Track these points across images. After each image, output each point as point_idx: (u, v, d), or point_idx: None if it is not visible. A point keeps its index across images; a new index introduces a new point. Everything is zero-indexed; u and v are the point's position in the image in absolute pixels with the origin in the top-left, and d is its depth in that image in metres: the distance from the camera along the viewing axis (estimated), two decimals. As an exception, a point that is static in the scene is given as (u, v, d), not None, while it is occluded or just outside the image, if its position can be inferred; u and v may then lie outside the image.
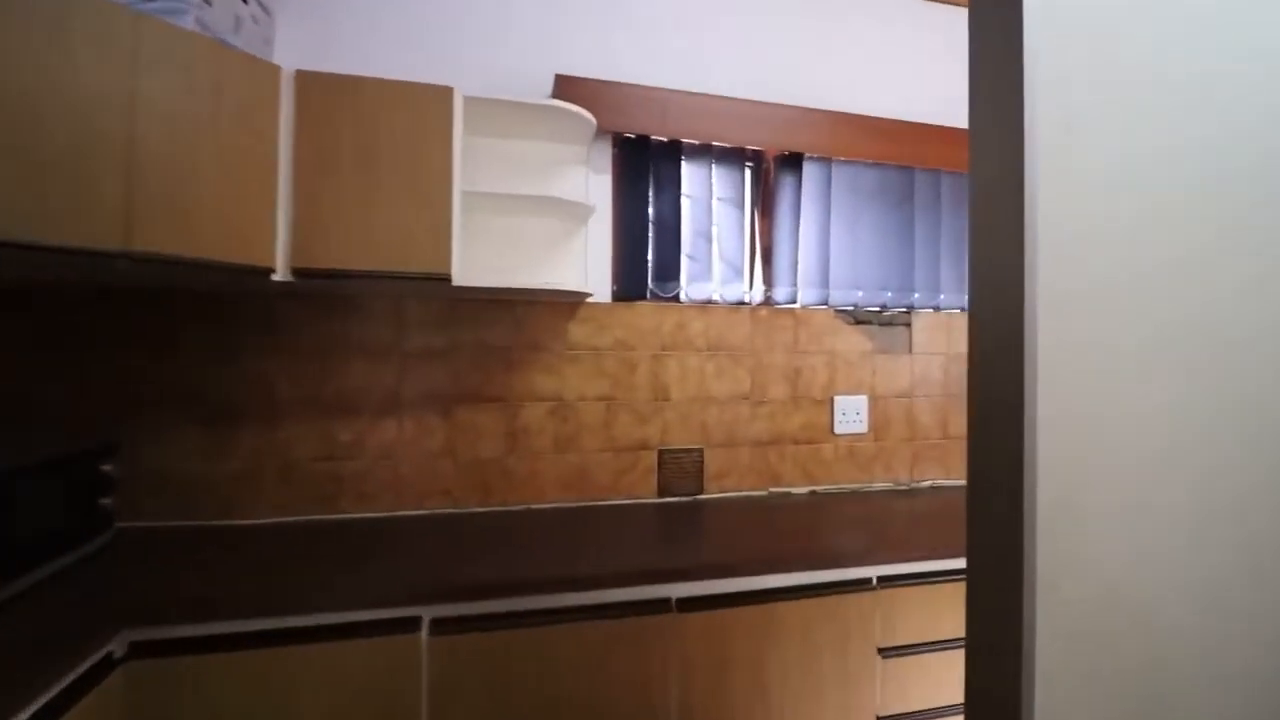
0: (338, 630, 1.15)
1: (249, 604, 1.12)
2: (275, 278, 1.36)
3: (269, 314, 1.61)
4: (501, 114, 1.59)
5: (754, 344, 1.94)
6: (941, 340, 2.12)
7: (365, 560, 1.34)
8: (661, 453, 1.85)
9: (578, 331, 1.80)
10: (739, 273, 1.94)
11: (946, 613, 1.48)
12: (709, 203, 1.92)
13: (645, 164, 1.88)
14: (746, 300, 1.95)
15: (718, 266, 1.95)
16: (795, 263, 1.96)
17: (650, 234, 1.89)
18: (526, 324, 1.77)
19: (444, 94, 1.44)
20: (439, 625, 1.20)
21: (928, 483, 2.10)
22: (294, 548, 1.42)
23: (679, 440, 1.87)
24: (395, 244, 1.40)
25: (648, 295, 1.87)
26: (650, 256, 1.89)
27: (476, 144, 1.67)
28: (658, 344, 1.86)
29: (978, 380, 0.63)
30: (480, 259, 1.66)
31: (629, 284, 1.86)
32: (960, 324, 2.13)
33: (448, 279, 1.43)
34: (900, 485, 2.07)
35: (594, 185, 1.83)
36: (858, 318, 2.04)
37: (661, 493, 1.85)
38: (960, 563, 1.64)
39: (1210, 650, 0.62)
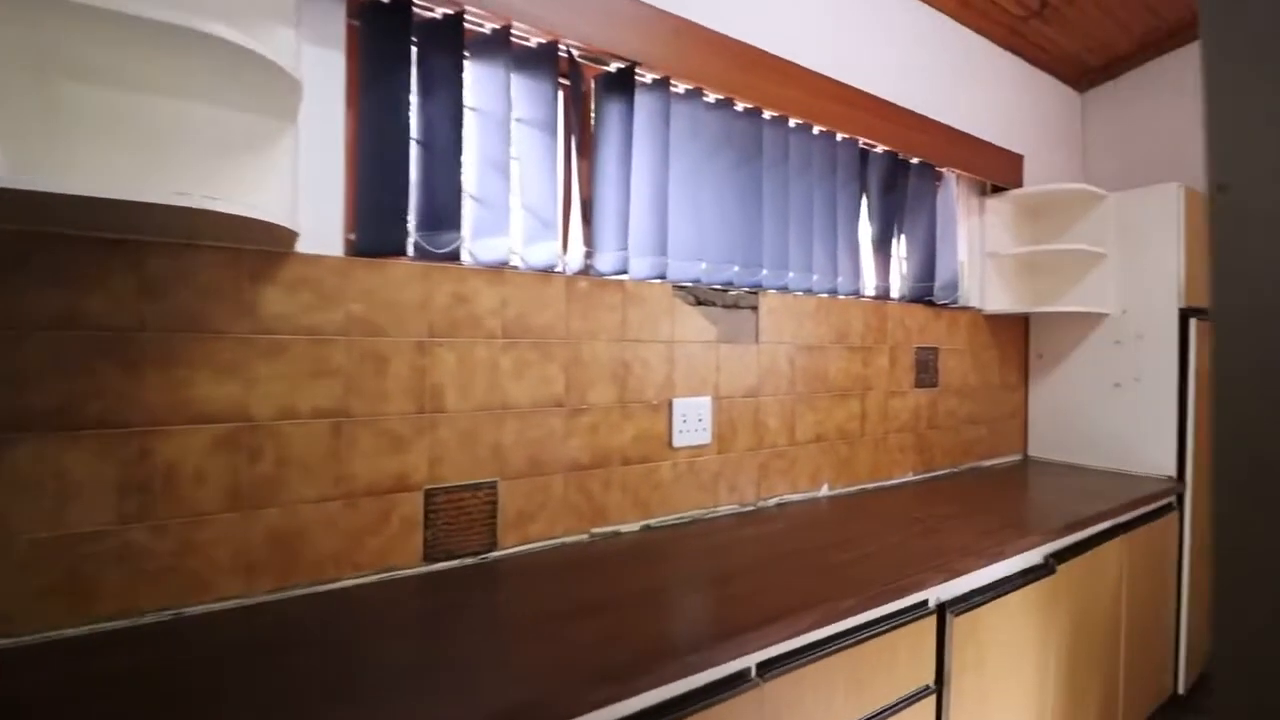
0: None
1: None
2: None
3: None
4: None
5: (570, 328, 1.38)
6: (789, 327, 1.78)
7: None
8: (431, 494, 1.21)
9: (281, 302, 1.07)
10: (549, 227, 1.37)
11: (840, 690, 1.08)
12: (506, 122, 1.32)
13: (404, 48, 1.21)
14: (560, 267, 1.39)
15: (520, 217, 1.36)
16: (626, 221, 1.45)
17: (414, 158, 1.23)
18: (174, 285, 0.99)
19: None
20: None
21: (774, 500, 1.74)
22: None
23: (459, 473, 1.24)
24: None
25: (408, 250, 1.21)
26: (415, 192, 1.23)
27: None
28: (424, 326, 1.21)
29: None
30: (66, 149, 0.86)
31: (376, 231, 1.18)
32: (809, 309, 1.82)
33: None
34: (746, 506, 1.68)
35: (318, 68, 1.11)
36: (699, 297, 1.60)
37: (430, 557, 1.20)
38: (847, 623, 1.18)
39: None
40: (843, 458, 1.91)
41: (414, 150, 1.22)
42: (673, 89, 1.54)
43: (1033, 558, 1.53)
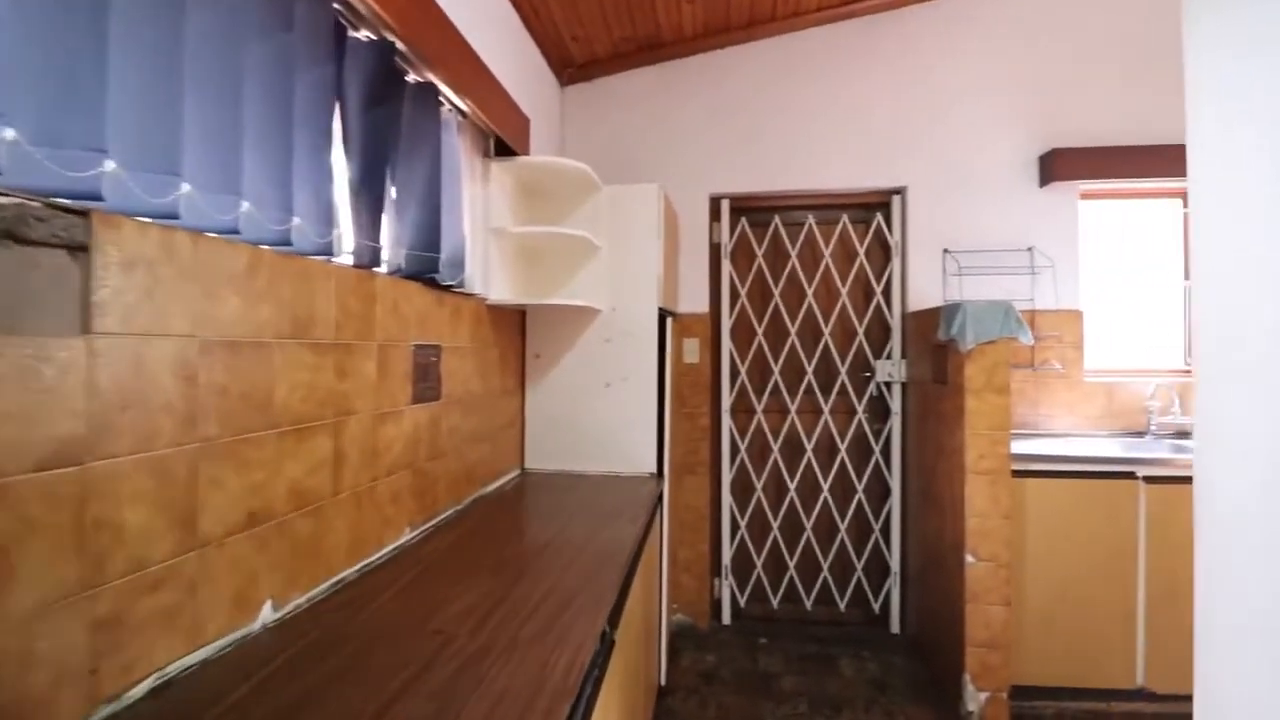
0: None
1: None
2: None
3: None
4: None
5: None
6: (185, 300, 0.83)
7: None
8: None
9: None
10: None
11: None
12: None
13: None
14: None
15: None
16: None
17: None
18: None
19: None
20: None
21: (144, 687, 0.78)
22: None
23: None
24: None
25: None
26: None
27: None
28: None
29: None
30: None
31: None
32: (234, 267, 0.90)
33: None
34: (49, 740, 0.67)
35: None
36: None
37: None
38: None
39: None
40: (301, 543, 1.08)
41: None
42: None
43: (596, 641, 1.10)
